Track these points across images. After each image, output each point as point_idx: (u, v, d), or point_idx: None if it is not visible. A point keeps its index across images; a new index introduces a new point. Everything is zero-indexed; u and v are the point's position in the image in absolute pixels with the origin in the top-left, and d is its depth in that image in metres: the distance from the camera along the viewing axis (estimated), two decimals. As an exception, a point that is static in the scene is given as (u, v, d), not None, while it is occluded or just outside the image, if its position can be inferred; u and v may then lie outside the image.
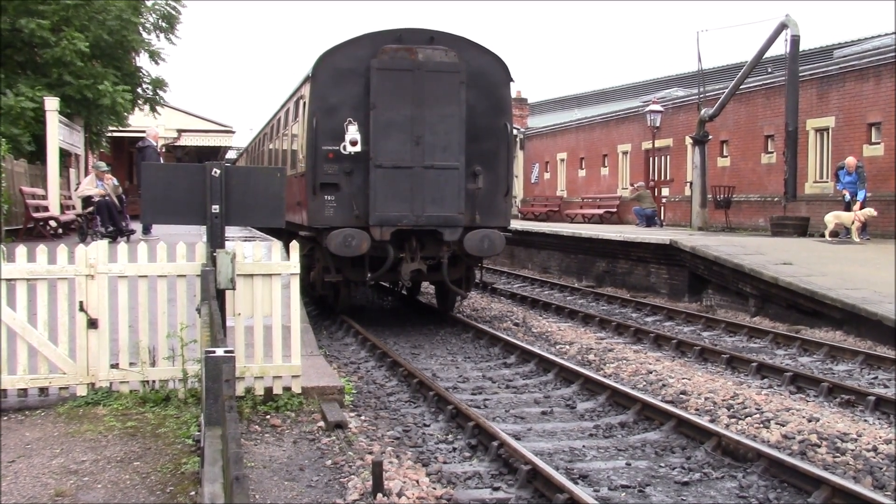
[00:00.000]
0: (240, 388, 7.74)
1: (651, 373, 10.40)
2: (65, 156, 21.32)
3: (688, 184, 27.54)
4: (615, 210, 32.19)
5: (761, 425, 8.02)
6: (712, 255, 16.50)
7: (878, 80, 21.30)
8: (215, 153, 42.35)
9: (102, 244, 7.93)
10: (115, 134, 30.52)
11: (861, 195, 19.54)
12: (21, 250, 7.68)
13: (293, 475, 6.32)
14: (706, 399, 9.01)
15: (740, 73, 23.89)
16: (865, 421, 8.37)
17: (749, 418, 8.24)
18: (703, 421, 7.95)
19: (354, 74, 13.02)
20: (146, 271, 7.92)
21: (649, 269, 19.33)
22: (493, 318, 15.38)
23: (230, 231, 10.15)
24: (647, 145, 31.13)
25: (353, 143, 12.82)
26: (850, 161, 19.94)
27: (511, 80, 13.84)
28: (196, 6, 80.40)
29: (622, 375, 10.47)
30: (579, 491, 5.90)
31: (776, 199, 23.98)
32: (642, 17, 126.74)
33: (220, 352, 4.16)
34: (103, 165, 18.22)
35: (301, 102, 14.40)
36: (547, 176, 40.50)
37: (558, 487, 5.98)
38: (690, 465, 7.03)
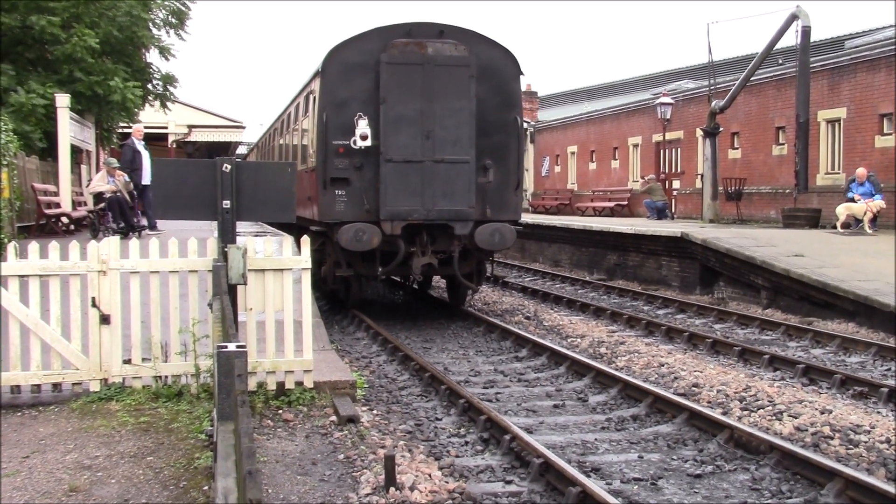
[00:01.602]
0: (252, 383, 7.76)
1: (663, 365, 10.38)
2: (76, 152, 21.39)
3: (699, 176, 27.45)
4: (626, 203, 32.13)
5: (774, 417, 7.99)
6: (724, 248, 16.44)
7: (890, 70, 21.15)
8: (226, 148, 42.50)
9: (114, 240, 7.96)
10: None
11: (878, 199, 19.31)
12: (33, 247, 7.71)
13: (306, 469, 6.34)
14: (718, 391, 8.98)
15: (751, 65, 23.77)
16: (878, 413, 8.33)
17: (761, 410, 8.21)
18: (716, 413, 7.94)
19: (364, 69, 13.01)
20: (158, 267, 7.95)
21: (660, 261, 19.27)
22: (505, 311, 15.38)
23: (241, 226, 10.17)
24: (657, 138, 31.03)
25: (364, 138, 12.80)
26: (861, 172, 19.70)
27: (521, 73, 13.80)
28: (206, 2, 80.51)
29: (634, 368, 10.44)
30: (592, 484, 5.90)
31: (787, 190, 23.87)
32: (652, 10, 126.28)
33: (232, 347, 4.16)
34: (114, 162, 18.23)
35: (311, 97, 14.39)
36: (557, 169, 40.43)
37: (571, 480, 5.98)
38: (703, 457, 7.02)
